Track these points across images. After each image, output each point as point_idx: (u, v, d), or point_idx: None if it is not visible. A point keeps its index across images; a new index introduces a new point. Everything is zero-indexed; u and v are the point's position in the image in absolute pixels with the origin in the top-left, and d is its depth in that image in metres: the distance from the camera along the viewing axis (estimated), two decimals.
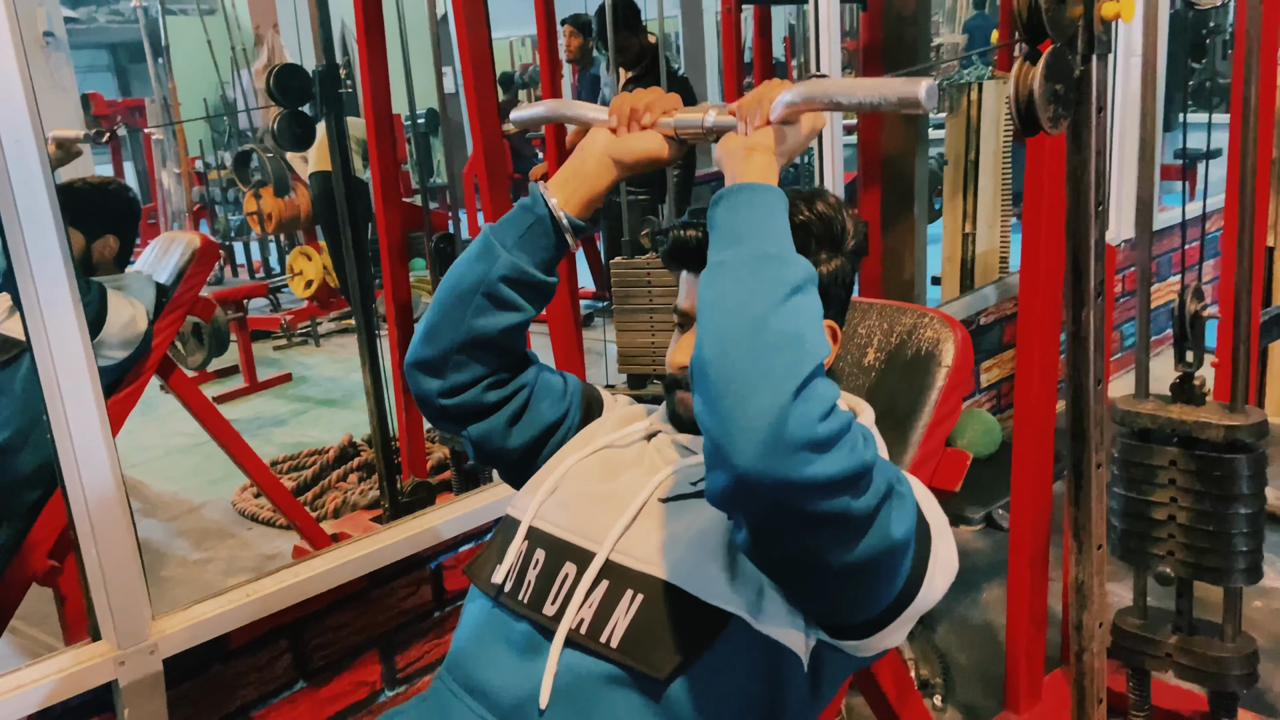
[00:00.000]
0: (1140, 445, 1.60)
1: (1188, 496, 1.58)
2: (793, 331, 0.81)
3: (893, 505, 0.84)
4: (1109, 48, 1.24)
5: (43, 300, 1.27)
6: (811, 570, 0.85)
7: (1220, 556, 1.56)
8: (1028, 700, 1.88)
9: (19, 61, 1.23)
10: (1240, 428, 1.50)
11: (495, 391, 1.12)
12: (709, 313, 0.85)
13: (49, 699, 1.37)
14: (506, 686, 0.96)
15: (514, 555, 1.05)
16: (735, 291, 0.84)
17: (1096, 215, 1.28)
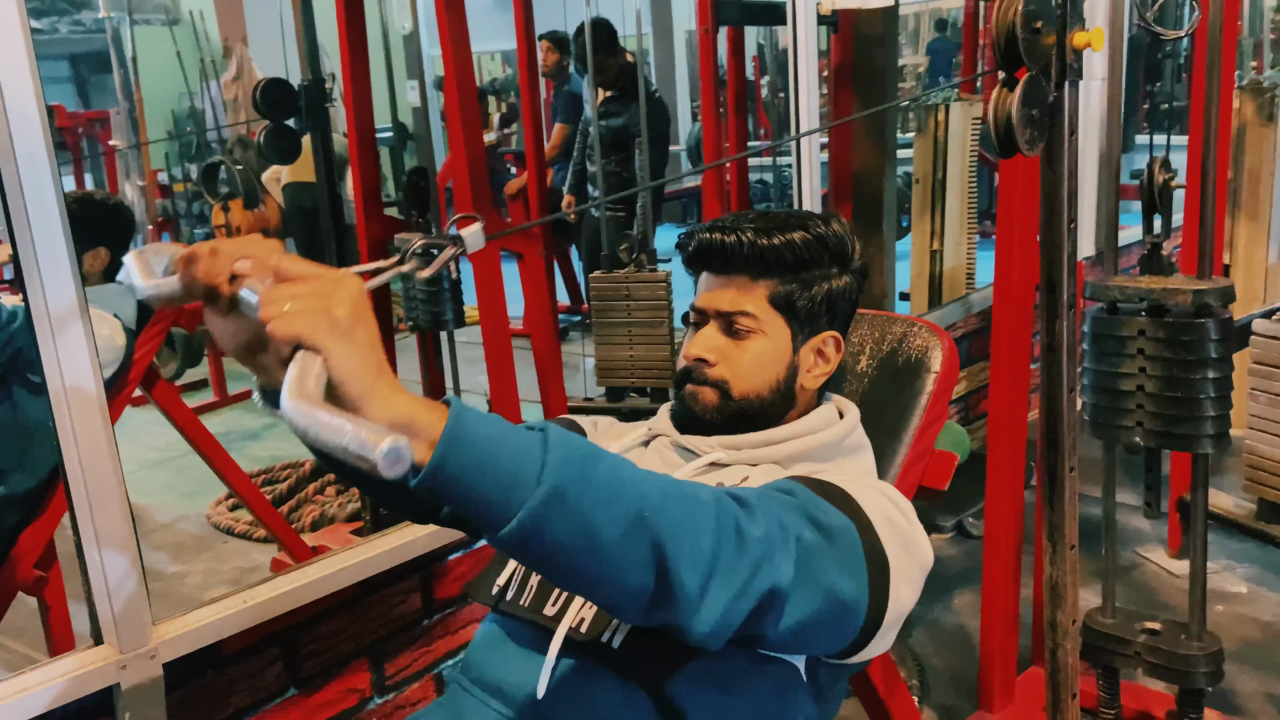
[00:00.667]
0: (1110, 318, 1.64)
1: (1156, 365, 1.60)
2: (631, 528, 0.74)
3: (817, 559, 0.87)
4: (1079, 74, 1.31)
5: (51, 310, 1.30)
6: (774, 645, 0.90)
7: (1189, 423, 1.59)
8: (1001, 700, 1.94)
9: (34, 80, 1.26)
10: (1208, 291, 1.55)
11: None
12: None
13: (52, 702, 1.38)
14: (519, 683, 1.00)
15: (512, 565, 1.09)
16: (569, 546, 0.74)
17: (1069, 232, 1.35)
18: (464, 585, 1.16)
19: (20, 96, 1.25)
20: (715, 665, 0.96)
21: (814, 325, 1.15)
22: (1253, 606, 2.44)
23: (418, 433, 0.68)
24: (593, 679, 0.97)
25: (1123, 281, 1.62)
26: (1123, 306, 1.62)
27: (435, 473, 0.68)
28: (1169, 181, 1.57)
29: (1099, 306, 1.65)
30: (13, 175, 1.26)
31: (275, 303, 0.68)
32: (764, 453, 1.09)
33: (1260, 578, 2.55)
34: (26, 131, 1.26)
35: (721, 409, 1.12)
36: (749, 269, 1.12)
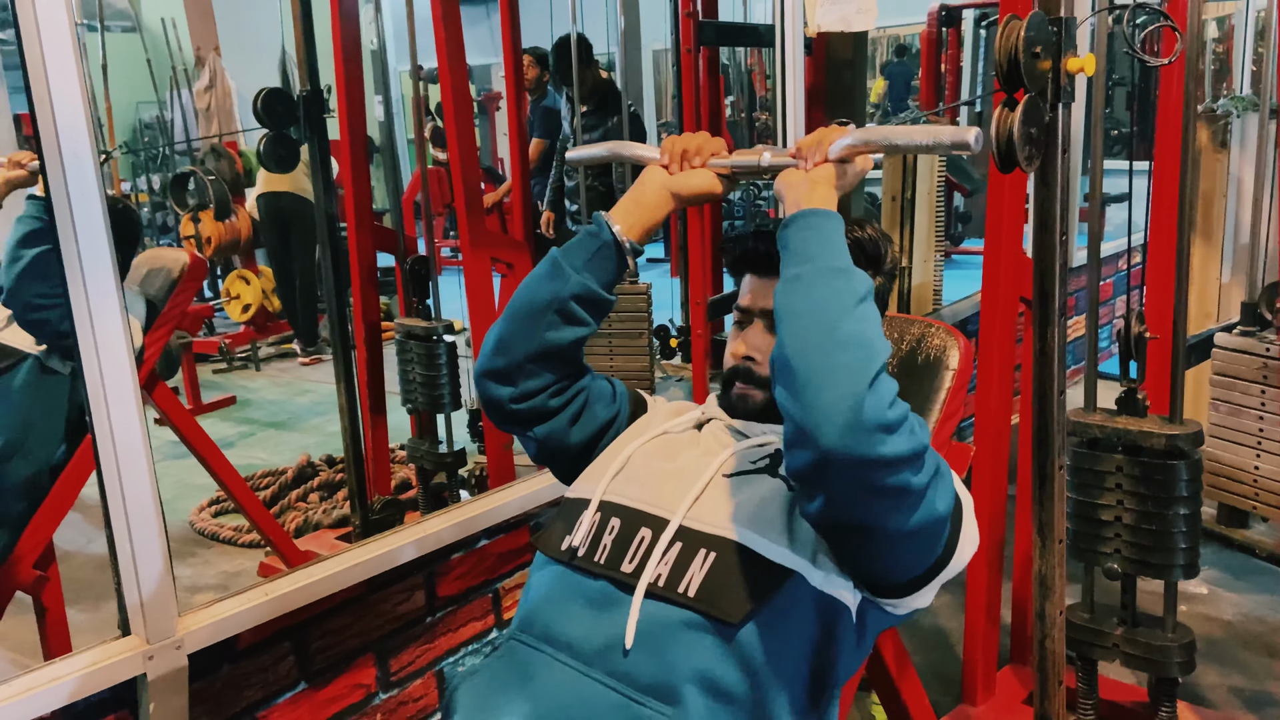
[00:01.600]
0: (1090, 453, 1.77)
1: (1132, 499, 1.75)
2: (862, 333, 0.96)
3: (939, 483, 1.00)
4: (1073, 97, 1.41)
5: (92, 306, 1.34)
6: (871, 536, 0.99)
7: (1162, 553, 1.73)
8: (983, 694, 2.03)
9: (80, 83, 1.30)
10: (1179, 436, 1.68)
11: (558, 397, 1.25)
12: (790, 318, 0.99)
13: (79, 692, 1.41)
14: (588, 635, 1.06)
15: (587, 525, 1.16)
16: (811, 300, 0.99)
17: (1060, 244, 1.45)
18: (531, 537, 1.23)
19: (68, 99, 1.29)
20: (776, 607, 1.04)
21: None
22: (1214, 607, 2.57)
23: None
24: (667, 627, 1.04)
25: (1101, 420, 1.77)
26: (1101, 443, 1.78)
27: (790, 221, 1.08)
28: (1143, 333, 1.71)
29: (1079, 441, 1.79)
30: (58, 174, 1.30)
31: (808, 144, 1.17)
32: None
33: (1220, 580, 2.67)
34: (72, 132, 1.30)
35: (770, 404, 1.20)
36: None
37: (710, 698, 1.01)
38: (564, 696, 1.04)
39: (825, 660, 1.07)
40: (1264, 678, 2.29)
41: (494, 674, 1.11)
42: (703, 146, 1.23)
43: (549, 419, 1.26)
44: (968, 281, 4.63)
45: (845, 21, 2.67)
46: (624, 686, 1.02)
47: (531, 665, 1.08)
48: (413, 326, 2.84)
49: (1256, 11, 5.38)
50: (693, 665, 1.02)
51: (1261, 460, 2.43)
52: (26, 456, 2.02)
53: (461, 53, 2.55)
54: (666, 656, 1.03)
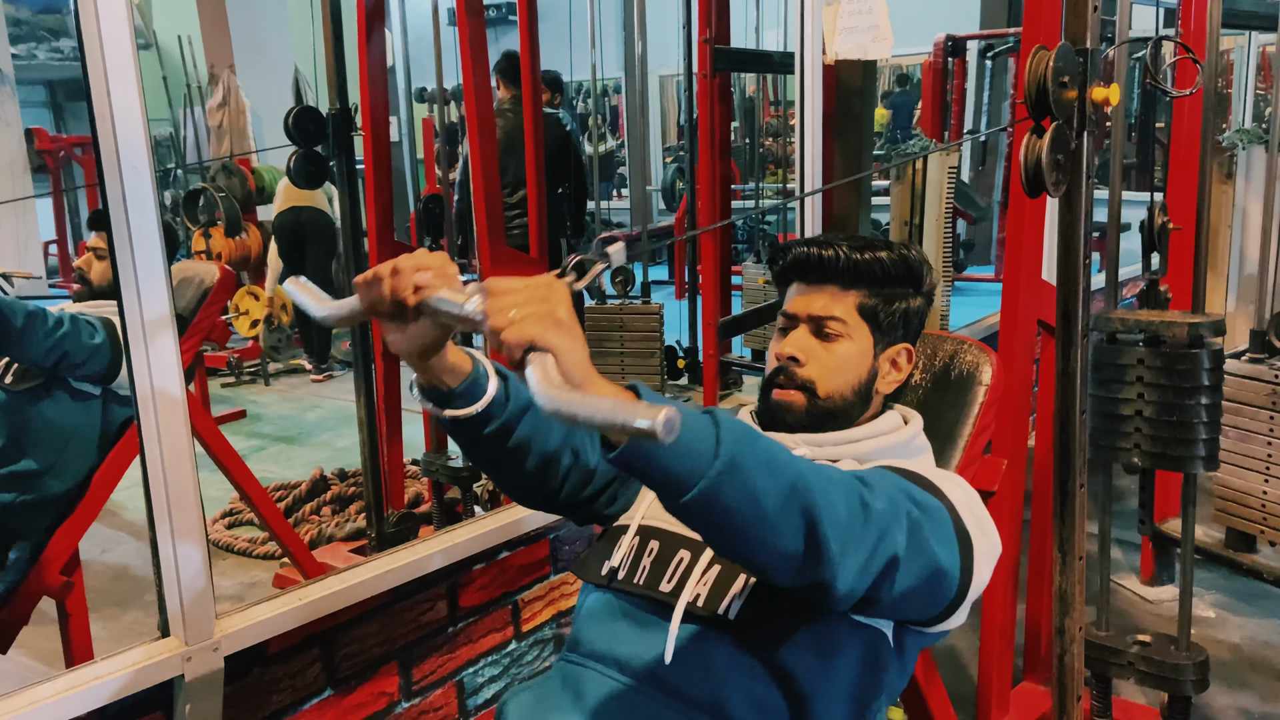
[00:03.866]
0: (1111, 347, 1.78)
1: (1153, 391, 1.74)
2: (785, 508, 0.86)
3: (927, 530, 0.99)
4: (1098, 125, 1.45)
5: (145, 316, 1.37)
6: (879, 605, 1.00)
7: (1182, 445, 1.73)
8: (998, 712, 2.06)
9: (139, 97, 1.34)
10: (1201, 324, 1.70)
11: (588, 489, 1.22)
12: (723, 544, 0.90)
13: (119, 693, 1.43)
14: (635, 653, 1.09)
15: (626, 548, 1.18)
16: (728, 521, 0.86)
17: (1084, 268, 1.49)
18: (571, 566, 1.25)
19: (128, 112, 1.33)
20: (817, 631, 1.06)
21: (892, 336, 1.28)
22: (1222, 630, 2.60)
23: None
24: (710, 646, 1.07)
25: (1123, 314, 1.78)
26: (1122, 337, 1.77)
27: (633, 448, 0.79)
28: (1166, 224, 1.73)
29: (1100, 336, 1.79)
30: (116, 187, 1.34)
31: (501, 313, 0.80)
32: (843, 449, 1.21)
33: (1228, 604, 2.70)
34: (131, 144, 1.34)
35: (810, 410, 1.24)
36: (841, 279, 1.26)
37: (758, 715, 1.04)
38: (618, 711, 1.06)
39: (870, 683, 1.10)
40: (1273, 700, 2.31)
41: (545, 692, 1.13)
42: (409, 276, 0.90)
43: (588, 507, 1.25)
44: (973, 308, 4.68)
45: (862, 50, 2.72)
46: (676, 702, 1.04)
47: (582, 682, 1.10)
48: None
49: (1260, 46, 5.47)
50: (739, 684, 1.04)
51: (1270, 485, 2.46)
52: (60, 475, 2.05)
53: (486, 73, 2.60)
54: (714, 675, 1.05)
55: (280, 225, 5.20)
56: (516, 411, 1.07)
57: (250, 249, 5.75)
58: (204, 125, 6.26)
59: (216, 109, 6.10)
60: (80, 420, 2.06)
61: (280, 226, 5.20)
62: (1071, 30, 1.41)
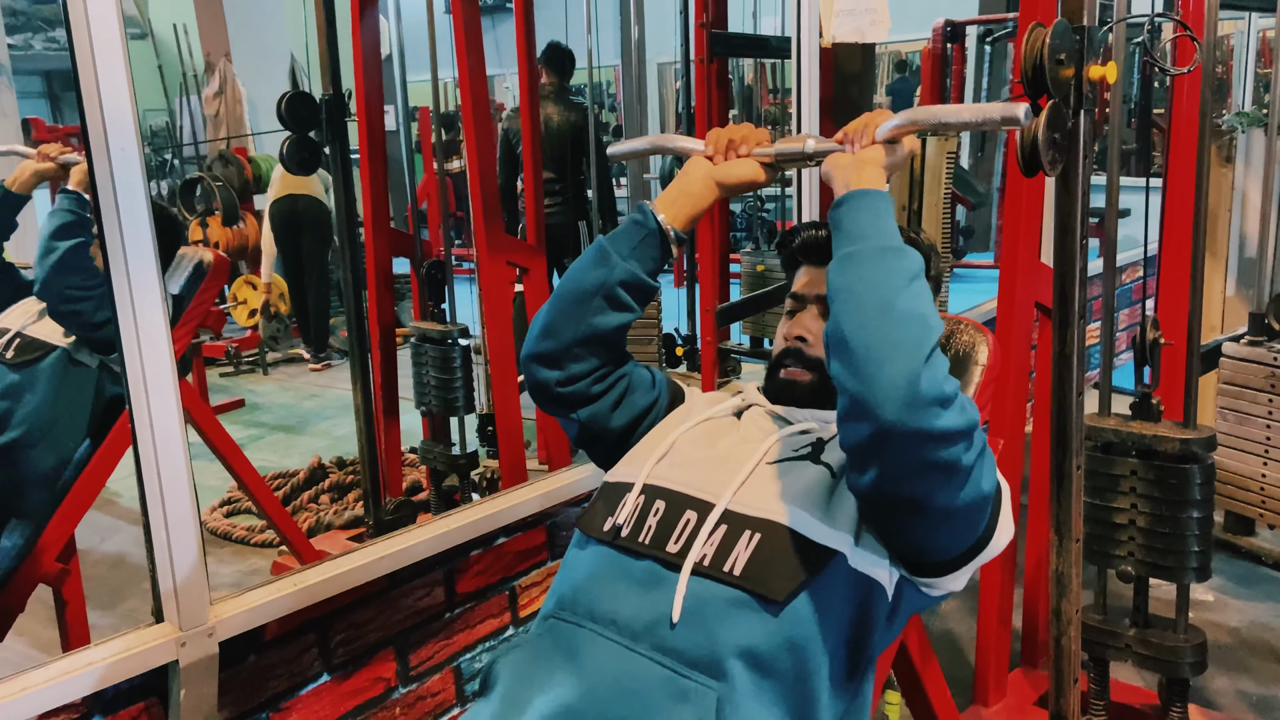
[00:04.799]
0: (1105, 457, 1.80)
1: (1146, 503, 1.77)
2: (917, 310, 0.99)
3: (985, 462, 1.03)
4: (1094, 104, 1.44)
5: (135, 299, 1.36)
6: (918, 511, 1.02)
7: (1175, 556, 1.76)
8: (995, 695, 2.05)
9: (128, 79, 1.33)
10: (1193, 441, 1.71)
11: (601, 383, 1.29)
12: (845, 295, 1.02)
13: (112, 678, 1.43)
14: (636, 614, 1.08)
15: (631, 507, 1.18)
16: (866, 277, 1.02)
17: (1081, 249, 1.48)
18: (576, 520, 1.25)
19: (116, 94, 1.32)
20: (818, 586, 1.07)
21: None
22: (1221, 614, 2.59)
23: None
24: (712, 603, 1.07)
25: (1116, 425, 1.80)
26: (1115, 447, 1.81)
27: (842, 202, 1.11)
28: (1158, 339, 1.75)
29: (1094, 445, 1.82)
30: (105, 169, 1.33)
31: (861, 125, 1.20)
32: None
33: (1226, 588, 2.70)
34: (120, 127, 1.33)
35: (818, 387, 1.25)
36: None
37: (755, 672, 1.04)
38: (611, 670, 1.05)
39: (861, 635, 1.10)
40: (1271, 683, 2.32)
41: (536, 650, 1.12)
42: (747, 137, 1.27)
43: (592, 403, 1.29)
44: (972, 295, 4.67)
45: (859, 33, 2.71)
46: (671, 661, 1.04)
47: (576, 641, 1.10)
48: (428, 330, 2.87)
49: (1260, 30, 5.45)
50: (738, 641, 1.04)
51: (1269, 468, 2.45)
52: (51, 447, 2.04)
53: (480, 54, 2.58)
54: (712, 632, 1.05)
55: (276, 213, 5.18)
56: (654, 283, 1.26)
57: (248, 238, 5.73)
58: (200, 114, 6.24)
59: (213, 98, 6.09)
60: (74, 392, 2.05)
61: (276, 214, 5.18)
62: (1068, 8, 1.40)
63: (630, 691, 1.03)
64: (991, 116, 1.13)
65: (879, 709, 2.15)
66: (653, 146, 1.45)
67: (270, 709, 1.71)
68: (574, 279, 1.24)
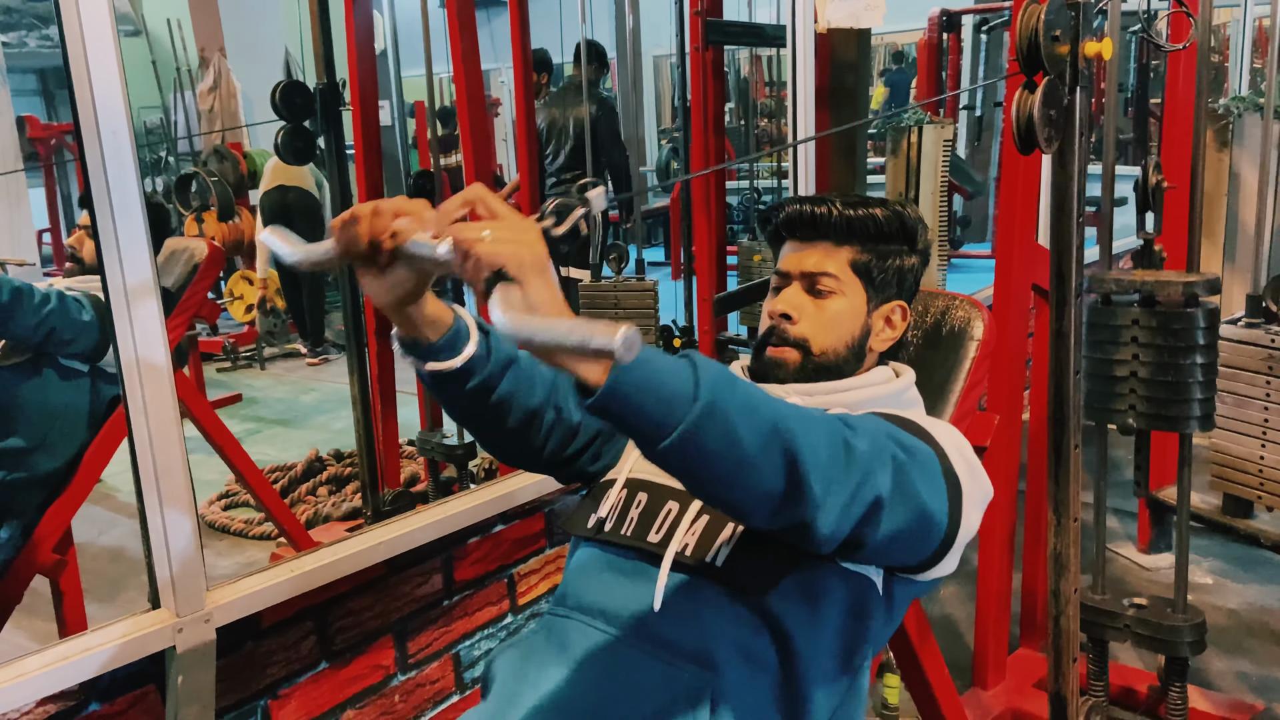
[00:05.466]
0: (1106, 308, 1.77)
1: (1148, 352, 1.73)
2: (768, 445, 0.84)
3: (909, 475, 0.97)
4: (1090, 81, 1.44)
5: (128, 284, 1.36)
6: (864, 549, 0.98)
7: (1178, 405, 1.73)
8: (994, 677, 2.05)
9: (118, 62, 1.33)
10: (1196, 283, 1.69)
11: (571, 447, 1.20)
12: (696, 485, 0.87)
13: (109, 665, 1.42)
14: (623, 604, 1.08)
15: (613, 500, 1.17)
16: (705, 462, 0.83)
17: (1078, 227, 1.48)
18: (561, 521, 1.24)
19: (106, 77, 1.31)
20: (805, 579, 1.05)
21: (885, 294, 1.27)
22: (1219, 596, 2.59)
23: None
24: (698, 595, 1.06)
25: (1118, 274, 1.76)
26: (1117, 298, 1.76)
27: (611, 391, 0.77)
28: (1161, 182, 1.72)
29: (1095, 298, 1.78)
30: (96, 152, 1.32)
31: (474, 231, 0.78)
32: (834, 399, 1.20)
33: (1225, 570, 2.70)
34: (110, 110, 1.32)
35: (804, 366, 1.24)
36: (834, 235, 1.26)
37: (745, 664, 1.03)
38: (603, 663, 1.05)
39: (856, 631, 1.09)
40: (1270, 664, 2.32)
41: (532, 646, 1.12)
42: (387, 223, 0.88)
43: (572, 464, 1.23)
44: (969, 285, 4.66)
45: (854, 18, 2.70)
46: (663, 652, 1.03)
47: (568, 635, 1.09)
48: None
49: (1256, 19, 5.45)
50: (726, 633, 1.04)
51: (1266, 450, 2.45)
52: (50, 451, 2.04)
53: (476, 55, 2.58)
54: (702, 624, 1.04)
55: (266, 204, 5.17)
56: (499, 367, 1.05)
57: (243, 233, 5.72)
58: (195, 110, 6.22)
59: (207, 93, 6.07)
60: (69, 398, 2.05)
61: (266, 206, 5.17)
62: None
63: (622, 683, 1.03)
64: (586, 344, 0.72)
65: (878, 692, 2.15)
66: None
67: (268, 696, 1.70)
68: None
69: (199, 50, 6.21)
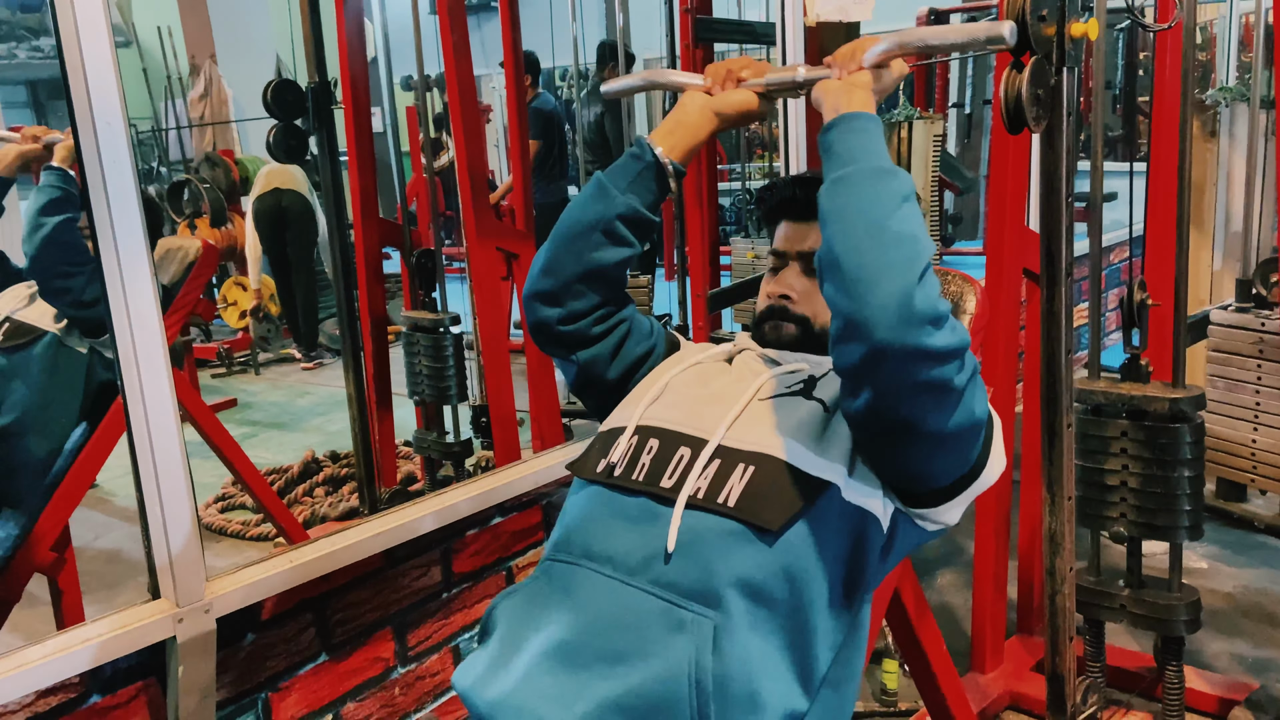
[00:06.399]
0: (1095, 419, 1.81)
1: (1137, 464, 1.78)
2: (910, 231, 1.00)
3: (978, 386, 1.03)
4: (1077, 61, 1.45)
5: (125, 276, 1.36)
6: (910, 434, 1.02)
7: (1167, 515, 1.77)
8: (992, 661, 2.06)
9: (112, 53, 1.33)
10: (1182, 400, 1.73)
11: (602, 324, 1.28)
12: (838, 218, 1.03)
13: (110, 655, 1.43)
14: (631, 549, 1.08)
15: (624, 447, 1.18)
16: (857, 200, 1.03)
17: (1067, 206, 1.49)
18: (567, 465, 1.25)
19: (101, 68, 1.32)
20: (813, 516, 1.07)
21: None
22: (1214, 580, 2.61)
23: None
24: (708, 536, 1.07)
25: (1106, 387, 1.81)
26: (1105, 409, 1.81)
27: (831, 126, 1.11)
28: (1145, 300, 1.76)
29: (1084, 408, 1.83)
30: (91, 143, 1.33)
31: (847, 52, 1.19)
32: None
33: (1219, 554, 2.72)
34: (105, 101, 1.33)
35: (802, 339, 1.26)
36: None
37: (750, 601, 1.04)
38: (608, 605, 1.06)
39: (857, 566, 1.10)
40: (1266, 645, 2.33)
41: (533, 591, 1.12)
42: (747, 64, 1.28)
43: (593, 344, 1.28)
44: None
45: (843, 11, 2.71)
46: (667, 593, 1.04)
47: (572, 580, 1.10)
48: (419, 319, 2.87)
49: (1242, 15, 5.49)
50: (733, 571, 1.05)
51: (1259, 434, 2.47)
52: (43, 433, 2.04)
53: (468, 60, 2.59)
54: (708, 563, 1.05)
55: (260, 209, 5.16)
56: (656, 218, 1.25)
57: (236, 239, 5.69)
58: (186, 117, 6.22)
59: (199, 100, 6.07)
60: (65, 378, 2.05)
61: (260, 211, 5.16)
62: None
63: (627, 624, 1.03)
64: (977, 36, 1.15)
65: (877, 678, 2.16)
66: (648, 82, 1.43)
67: (269, 688, 1.71)
68: (573, 215, 1.24)
69: (190, 57, 6.21)
